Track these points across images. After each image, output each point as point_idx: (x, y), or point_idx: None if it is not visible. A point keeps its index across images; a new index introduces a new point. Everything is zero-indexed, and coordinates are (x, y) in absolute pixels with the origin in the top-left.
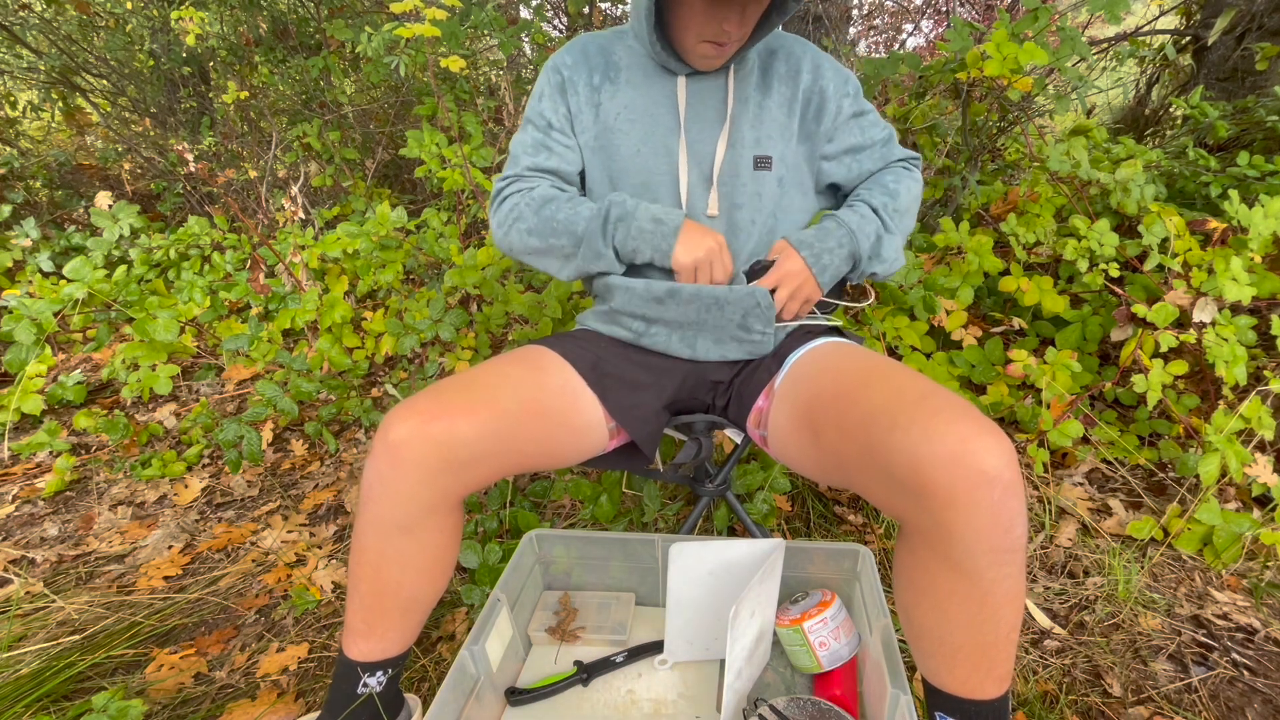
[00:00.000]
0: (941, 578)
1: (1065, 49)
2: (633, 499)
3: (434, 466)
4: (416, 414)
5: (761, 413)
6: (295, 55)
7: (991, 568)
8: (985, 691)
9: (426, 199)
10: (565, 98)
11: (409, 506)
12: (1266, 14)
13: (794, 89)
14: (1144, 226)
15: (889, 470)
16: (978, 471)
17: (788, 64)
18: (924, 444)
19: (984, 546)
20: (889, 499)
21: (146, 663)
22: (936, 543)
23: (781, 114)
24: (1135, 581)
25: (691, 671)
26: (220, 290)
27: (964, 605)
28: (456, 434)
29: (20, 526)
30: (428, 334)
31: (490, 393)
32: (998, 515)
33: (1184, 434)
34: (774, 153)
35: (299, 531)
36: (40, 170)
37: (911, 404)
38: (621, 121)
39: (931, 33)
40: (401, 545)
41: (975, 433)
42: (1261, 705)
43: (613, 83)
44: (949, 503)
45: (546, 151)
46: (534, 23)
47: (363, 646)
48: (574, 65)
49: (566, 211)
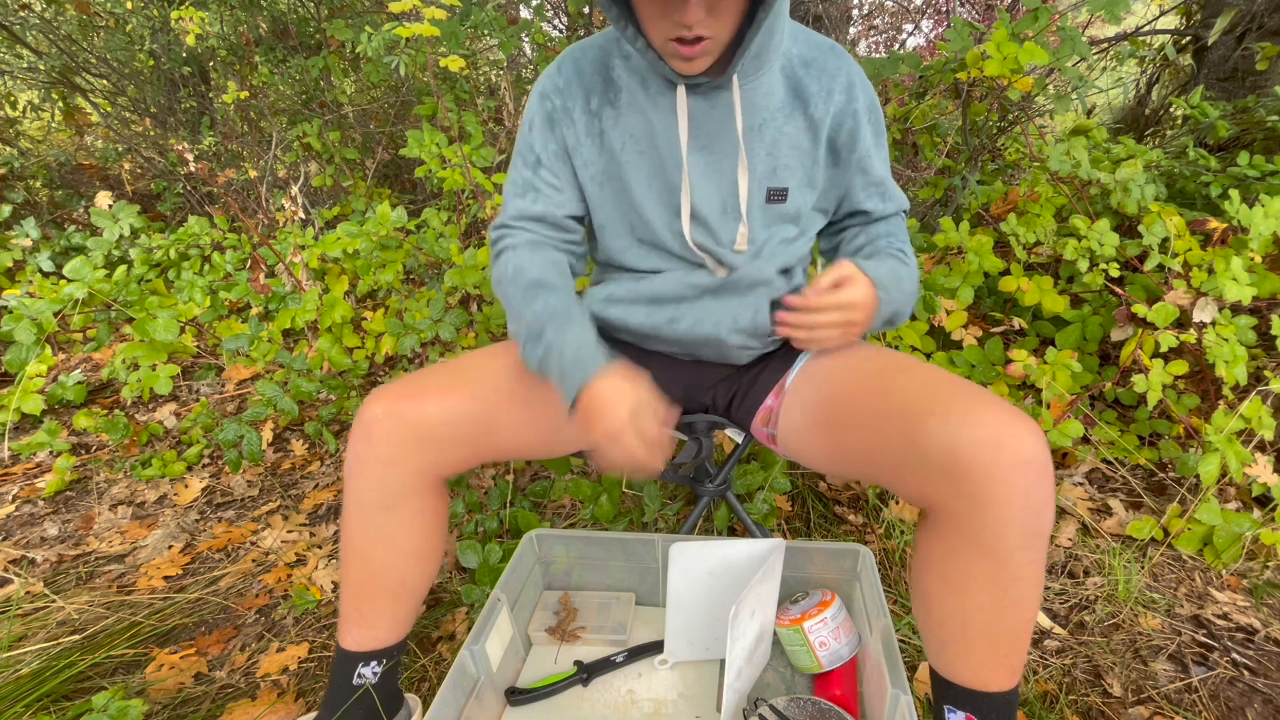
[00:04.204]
0: (969, 562)
1: (1065, 49)
2: (633, 499)
3: (405, 443)
4: (390, 394)
5: (770, 411)
6: (295, 55)
7: (1021, 550)
8: (998, 683)
9: (426, 199)
10: (557, 130)
11: (386, 485)
12: (1266, 14)
13: (825, 109)
14: (1144, 226)
15: (926, 457)
16: (1016, 454)
17: (820, 80)
18: (964, 429)
19: (1016, 528)
20: (919, 487)
21: (146, 663)
22: (968, 526)
23: (806, 139)
24: (1135, 581)
25: (691, 671)
26: (220, 290)
27: (989, 589)
28: (427, 413)
29: (20, 526)
30: (428, 334)
31: (468, 376)
32: (1031, 497)
33: (1184, 434)
34: (791, 184)
35: (299, 531)
36: (40, 170)
37: (946, 393)
38: (629, 152)
39: (931, 33)
40: (384, 524)
41: (1012, 419)
42: (1261, 705)
43: (614, 105)
44: (987, 485)
45: (533, 193)
46: (534, 23)
47: (356, 635)
48: (566, 89)
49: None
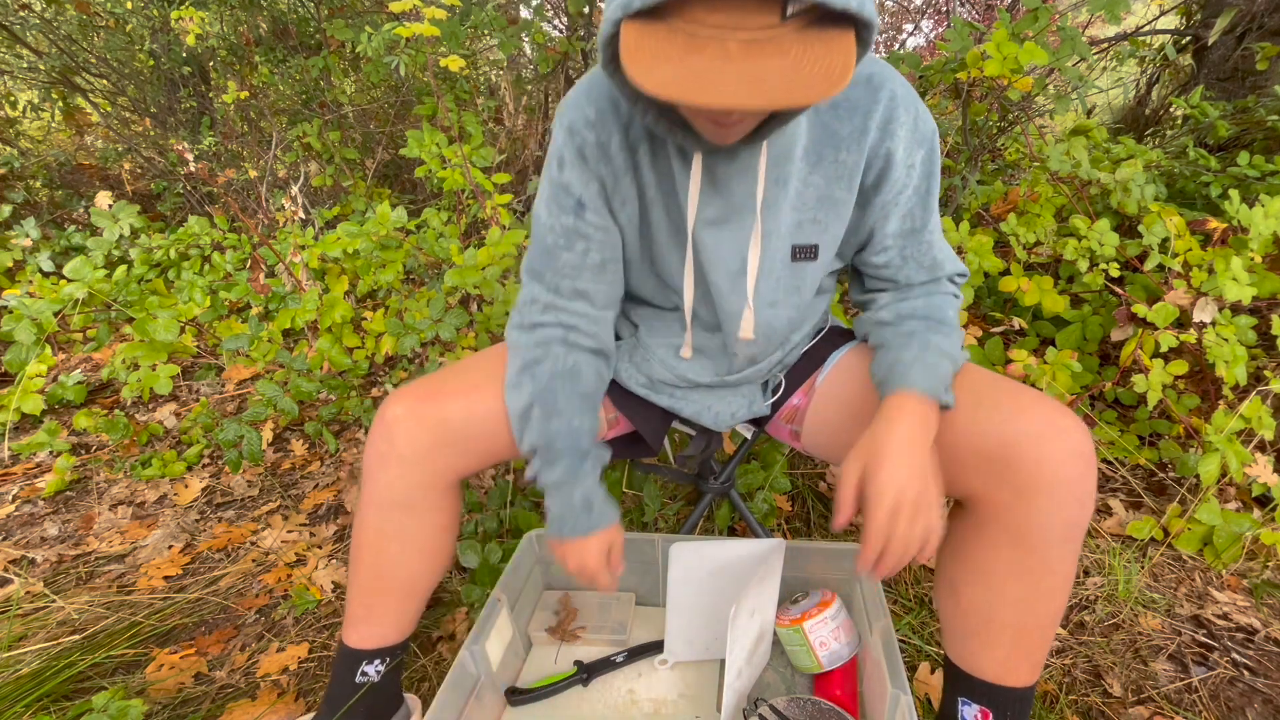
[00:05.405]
0: (1006, 552)
1: (1065, 49)
2: (633, 498)
3: (427, 444)
4: (411, 395)
5: (796, 410)
6: (295, 55)
7: (1061, 544)
8: (1017, 678)
9: (426, 199)
10: (593, 166)
11: (406, 483)
12: (1266, 14)
13: (858, 153)
14: (1144, 226)
15: (976, 448)
16: (1066, 446)
17: (853, 118)
18: (1015, 420)
19: (1060, 519)
20: (961, 477)
21: (146, 663)
22: (1009, 517)
23: (838, 189)
24: (1135, 581)
25: (691, 671)
26: (220, 290)
27: (1021, 581)
28: (448, 414)
29: (20, 526)
30: (428, 334)
31: (485, 376)
32: (1077, 488)
33: (1184, 434)
34: (820, 240)
35: (299, 531)
36: (40, 170)
37: (992, 387)
38: (657, 193)
39: (931, 33)
40: (401, 521)
41: (1060, 413)
42: (1261, 705)
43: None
44: (1036, 475)
45: (583, 243)
46: (534, 23)
47: (362, 632)
48: (599, 122)
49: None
